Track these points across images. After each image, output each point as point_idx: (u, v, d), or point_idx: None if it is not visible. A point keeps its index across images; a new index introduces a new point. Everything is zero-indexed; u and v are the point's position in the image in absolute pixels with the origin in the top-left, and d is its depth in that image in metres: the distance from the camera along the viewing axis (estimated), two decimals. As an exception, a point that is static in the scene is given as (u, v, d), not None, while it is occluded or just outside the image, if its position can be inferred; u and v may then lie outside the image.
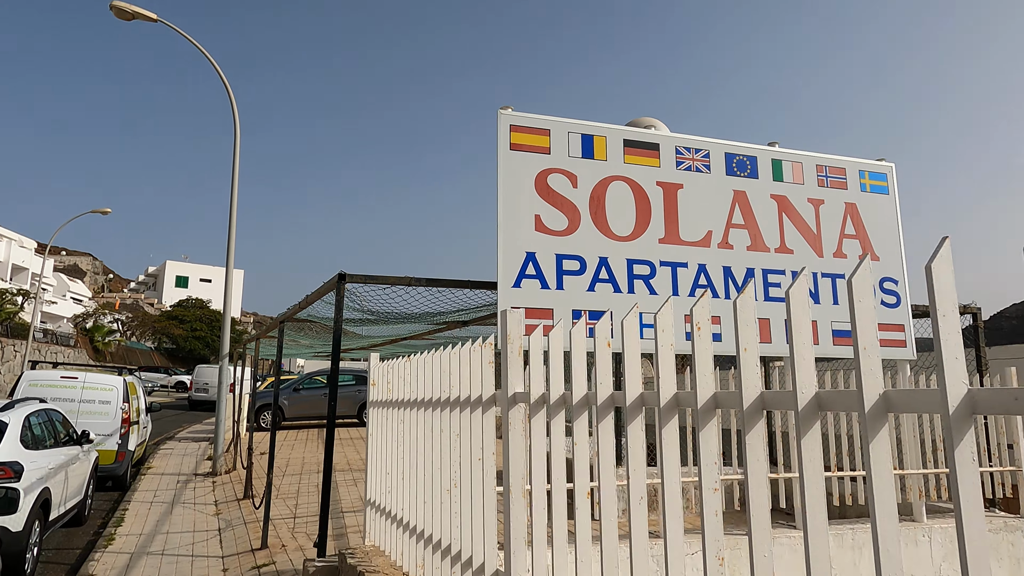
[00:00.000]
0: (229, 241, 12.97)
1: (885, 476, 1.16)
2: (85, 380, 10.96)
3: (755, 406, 1.45)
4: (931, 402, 1.12)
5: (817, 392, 1.34)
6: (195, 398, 30.04)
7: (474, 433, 2.44)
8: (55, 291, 54.63)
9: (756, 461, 1.44)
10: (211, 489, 10.83)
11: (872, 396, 1.20)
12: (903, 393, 1.19)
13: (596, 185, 4.92)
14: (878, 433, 1.19)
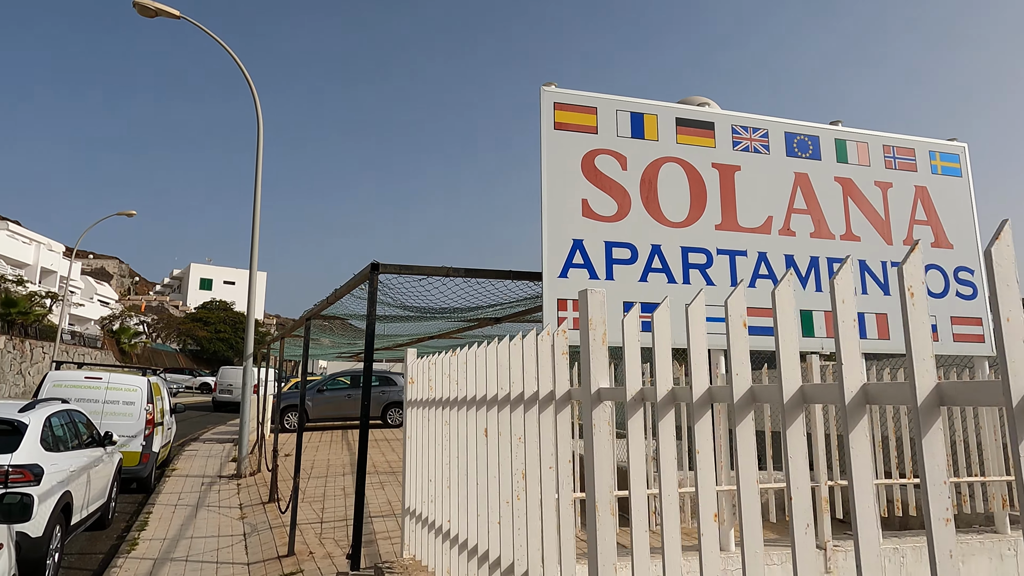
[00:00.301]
0: (252, 243, 12.78)
1: (937, 475, 1.05)
2: (109, 381, 10.80)
3: (795, 400, 1.32)
4: (991, 395, 0.99)
5: (864, 385, 1.22)
6: (219, 399, 30.08)
7: (543, 436, 2.09)
8: (83, 294, 55.36)
9: (797, 457, 1.30)
10: (236, 492, 10.61)
11: (925, 388, 1.08)
12: (959, 385, 1.07)
13: (647, 167, 4.54)
14: (931, 428, 1.08)
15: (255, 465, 12.69)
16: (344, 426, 20.75)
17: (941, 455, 1.05)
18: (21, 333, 37.14)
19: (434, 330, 9.29)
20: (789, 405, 1.32)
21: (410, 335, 12.06)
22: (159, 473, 12.51)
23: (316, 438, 17.73)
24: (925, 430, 1.05)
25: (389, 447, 15.55)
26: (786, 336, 1.33)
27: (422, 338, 11.41)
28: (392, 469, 12.07)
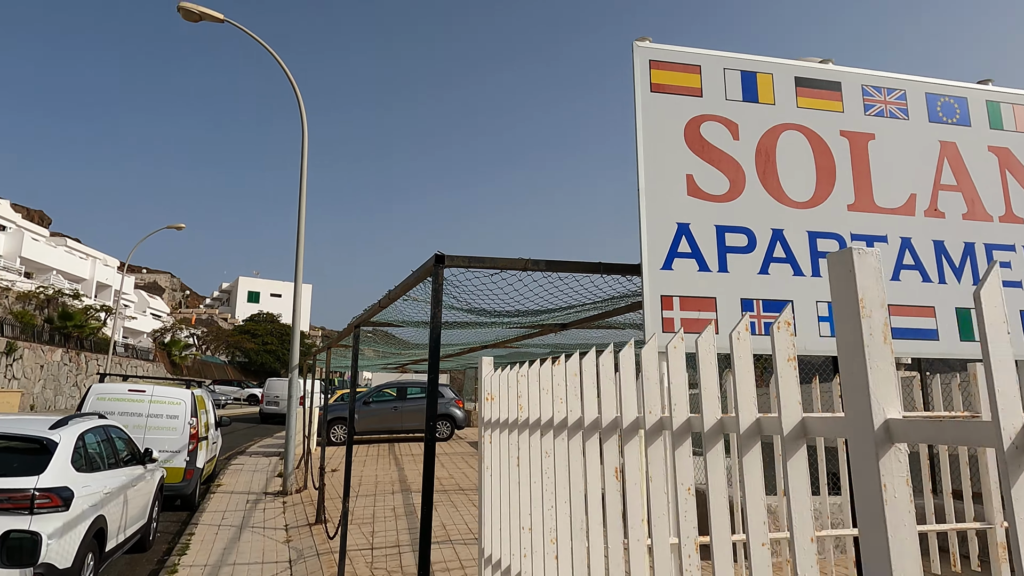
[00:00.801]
0: (297, 255, 12.36)
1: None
2: (153, 394, 10.43)
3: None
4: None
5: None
6: (266, 411, 30.02)
7: (750, 475, 1.36)
8: (136, 307, 56.71)
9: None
10: (281, 511, 10.07)
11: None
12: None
13: (763, 136, 3.76)
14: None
15: (301, 481, 12.18)
16: (390, 439, 20.24)
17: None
18: (77, 346, 37.98)
19: (489, 338, 8.59)
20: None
21: (461, 344, 11.39)
22: (204, 489, 12.11)
23: (362, 452, 17.23)
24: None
25: (438, 462, 14.90)
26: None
27: (473, 348, 10.72)
28: (443, 487, 11.39)
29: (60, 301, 37.80)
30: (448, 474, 13.04)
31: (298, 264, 12.31)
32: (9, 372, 31.15)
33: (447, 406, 20.15)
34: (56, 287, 38.48)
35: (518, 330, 7.19)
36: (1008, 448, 0.87)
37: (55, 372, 34.20)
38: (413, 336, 8.23)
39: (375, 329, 8.45)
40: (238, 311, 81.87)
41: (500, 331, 7.94)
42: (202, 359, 58.48)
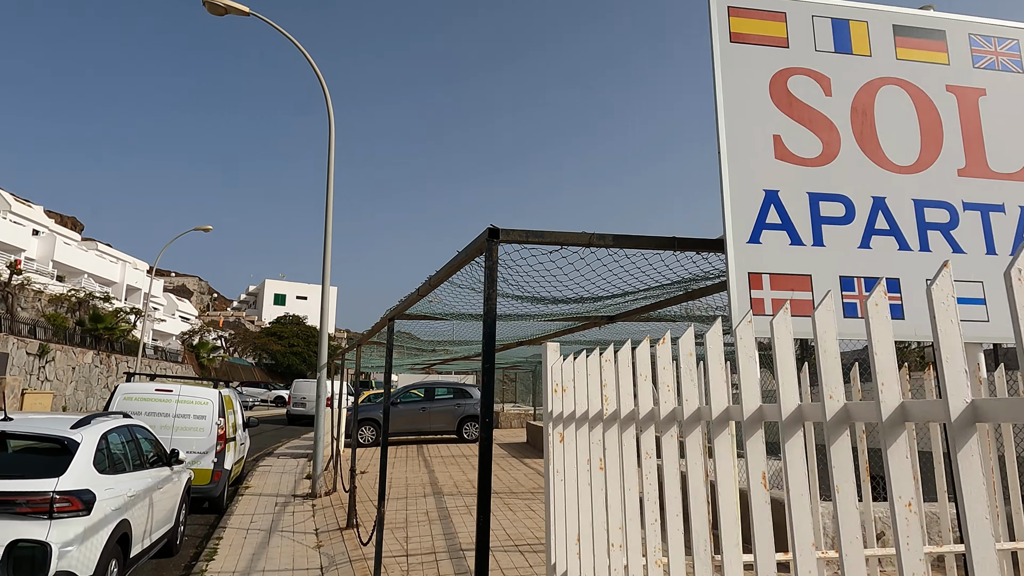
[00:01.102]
0: (325, 255, 12.08)
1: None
2: (180, 393, 10.19)
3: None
4: None
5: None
6: (293, 412, 29.94)
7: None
8: (165, 310, 57.37)
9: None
10: (311, 514, 9.75)
11: None
12: None
13: (859, 92, 3.29)
14: None
15: (330, 483, 11.88)
16: (418, 441, 19.92)
17: None
18: (108, 348, 38.38)
19: (525, 334, 8.16)
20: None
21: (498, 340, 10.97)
22: (232, 491, 11.87)
23: (390, 454, 16.92)
24: None
25: (469, 464, 14.53)
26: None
27: (507, 344, 10.30)
28: (477, 490, 10.99)
29: (91, 304, 38.24)
30: (480, 476, 12.66)
31: (326, 263, 12.03)
32: (42, 374, 31.51)
33: (476, 407, 19.77)
34: (87, 290, 38.95)
35: (560, 323, 6.76)
36: None
37: (86, 374, 34.56)
38: (450, 331, 7.83)
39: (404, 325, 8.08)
40: (264, 313, 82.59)
41: (538, 325, 7.51)
42: (229, 361, 58.96)
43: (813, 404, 1.61)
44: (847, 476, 1.41)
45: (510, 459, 15.47)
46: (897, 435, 1.36)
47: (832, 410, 1.50)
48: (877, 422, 1.42)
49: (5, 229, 37.44)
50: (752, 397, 1.72)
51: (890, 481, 1.36)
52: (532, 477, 12.45)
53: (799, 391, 1.73)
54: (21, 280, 33.41)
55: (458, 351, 12.88)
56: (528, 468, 13.79)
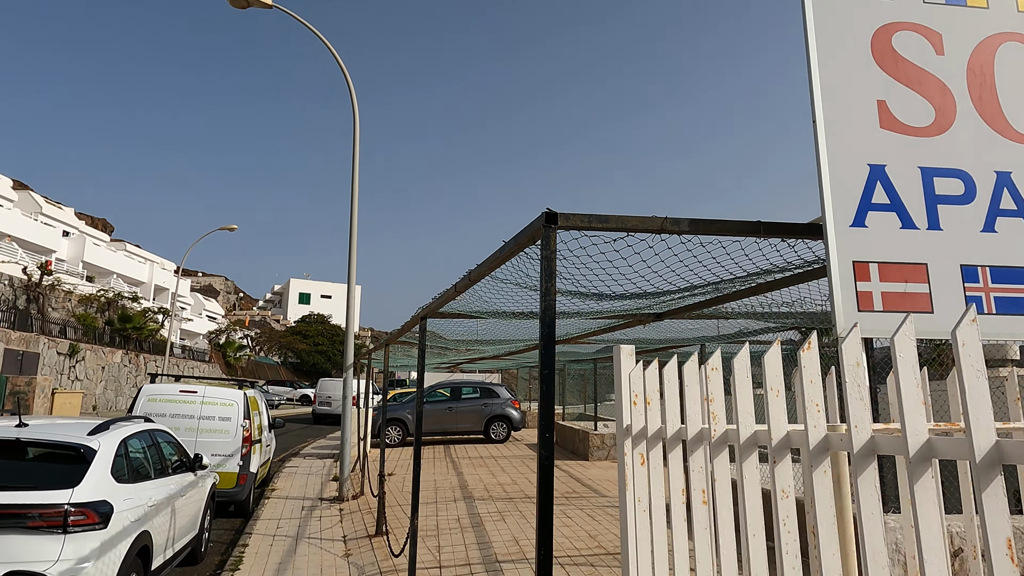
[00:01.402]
0: (351, 249, 11.79)
1: None
2: (204, 394, 9.95)
3: None
4: None
5: None
6: (319, 412, 29.85)
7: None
8: (192, 310, 57.93)
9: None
10: (338, 519, 9.44)
11: None
12: None
13: (976, 49, 2.82)
14: None
15: (357, 486, 11.58)
16: (445, 441, 19.61)
17: None
18: (136, 347, 38.74)
19: (562, 332, 7.72)
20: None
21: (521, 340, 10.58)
22: (259, 493, 11.63)
23: (418, 454, 16.63)
24: None
25: (498, 466, 14.15)
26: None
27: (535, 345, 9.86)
28: (508, 494, 10.61)
29: (120, 304, 38.62)
30: (510, 479, 12.27)
31: (351, 258, 11.74)
32: (72, 373, 31.84)
33: (503, 407, 19.41)
34: (116, 290, 39.35)
35: (603, 320, 6.32)
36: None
37: (115, 373, 34.89)
38: (484, 330, 7.43)
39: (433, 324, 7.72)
40: (290, 312, 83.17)
41: (575, 322, 7.08)
42: (256, 360, 59.38)
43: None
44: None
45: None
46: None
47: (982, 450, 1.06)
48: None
49: (36, 230, 37.96)
50: (918, 431, 1.28)
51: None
52: (564, 481, 12.03)
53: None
54: (52, 281, 33.81)
55: (487, 351, 12.49)
56: (559, 471, 13.37)
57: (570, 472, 13.22)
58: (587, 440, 15.10)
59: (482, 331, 7.54)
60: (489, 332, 7.54)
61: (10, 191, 40.13)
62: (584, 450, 15.26)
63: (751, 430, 1.72)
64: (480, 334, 7.84)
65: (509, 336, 8.82)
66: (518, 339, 9.34)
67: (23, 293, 31.60)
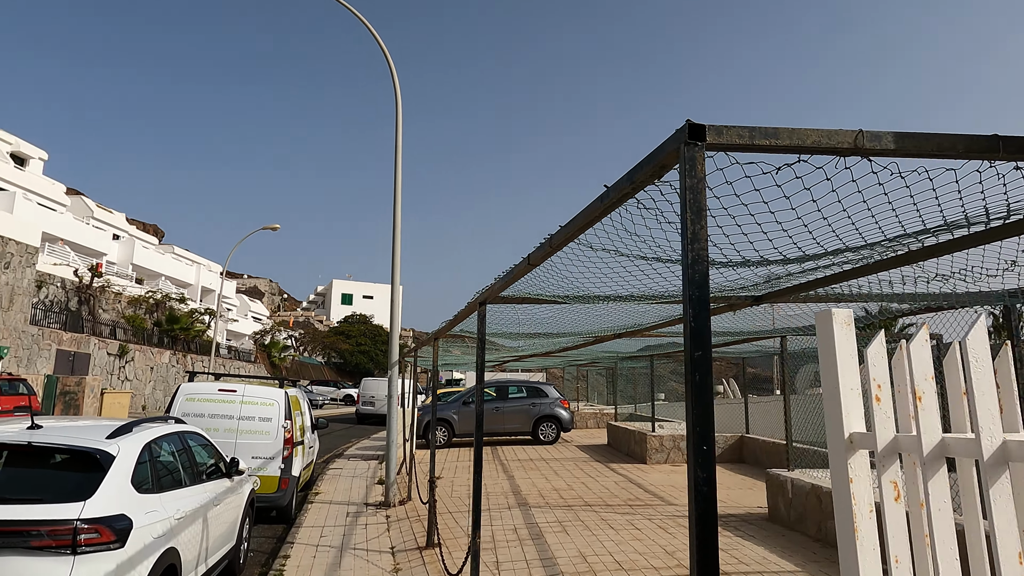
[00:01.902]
0: (394, 244, 11.15)
1: None
2: (244, 393, 9.41)
3: None
4: None
5: None
6: (362, 411, 29.50)
7: None
8: (238, 311, 58.66)
9: None
10: (385, 527, 8.78)
11: None
12: None
13: None
14: None
15: (404, 491, 10.94)
16: (491, 442, 18.91)
17: None
18: (184, 348, 39.19)
19: (638, 320, 6.86)
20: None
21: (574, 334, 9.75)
22: (302, 497, 11.09)
23: (464, 456, 15.96)
24: None
25: (551, 470, 13.35)
26: None
27: (600, 337, 9.03)
28: (566, 501, 9.80)
29: (168, 305, 39.11)
30: (566, 484, 11.46)
31: (395, 250, 11.10)
32: (122, 374, 32.25)
33: (552, 406, 18.60)
34: (164, 291, 39.87)
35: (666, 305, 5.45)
36: None
37: (164, 373, 35.27)
38: (551, 319, 6.60)
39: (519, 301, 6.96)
40: (332, 313, 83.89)
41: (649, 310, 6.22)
42: (300, 360, 59.83)
43: None
44: None
45: (594, 464, 14.22)
46: None
47: None
48: None
49: (88, 234, 38.70)
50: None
51: None
52: (625, 487, 11.17)
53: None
54: (102, 283, 34.34)
55: (541, 346, 11.68)
56: (617, 475, 12.51)
57: (629, 476, 12.34)
58: (644, 442, 14.18)
59: (547, 320, 6.72)
60: (557, 321, 6.70)
61: (63, 196, 41.04)
62: (641, 452, 14.35)
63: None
64: (545, 324, 7.03)
65: (584, 327, 7.71)
66: (593, 330, 8.36)
67: (75, 295, 32.13)
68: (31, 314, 26.62)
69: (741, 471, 12.93)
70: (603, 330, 7.76)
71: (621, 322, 6.69)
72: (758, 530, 7.77)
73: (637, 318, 6.34)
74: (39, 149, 41.83)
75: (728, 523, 8.17)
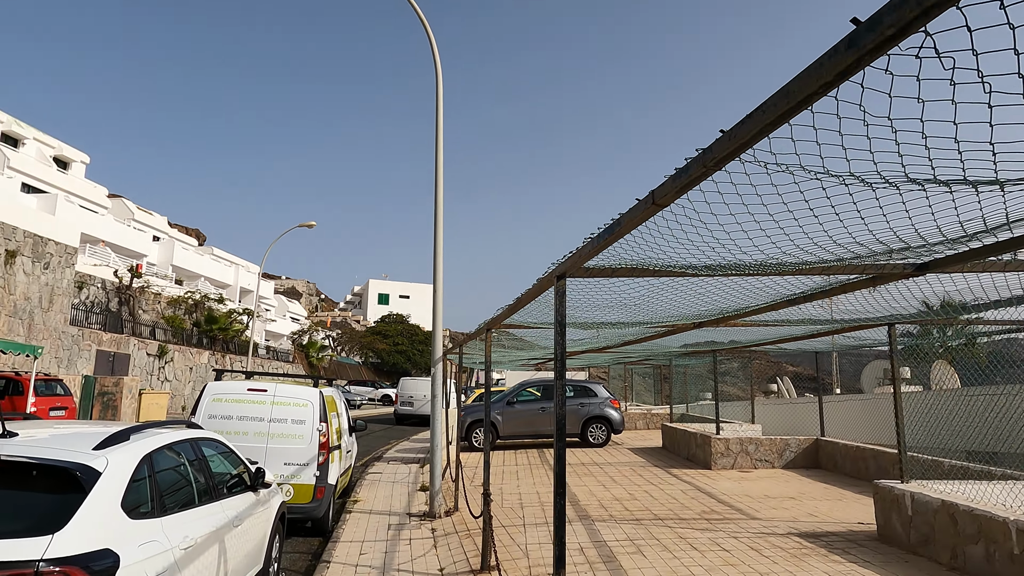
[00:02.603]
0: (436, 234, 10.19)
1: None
2: (276, 393, 8.54)
3: None
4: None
5: None
6: (401, 412, 28.73)
7: None
8: (276, 311, 58.77)
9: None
10: (431, 543, 7.81)
11: None
12: None
13: None
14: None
15: (451, 500, 9.97)
16: (537, 445, 17.86)
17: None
18: (222, 348, 39.08)
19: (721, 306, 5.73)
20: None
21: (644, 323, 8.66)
22: (340, 504, 10.22)
23: (510, 459, 14.94)
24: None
25: (607, 476, 12.22)
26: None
27: (677, 327, 7.91)
28: (631, 513, 8.69)
29: (206, 305, 39.05)
30: (627, 493, 10.35)
31: (437, 241, 10.15)
32: (161, 374, 32.14)
33: (602, 407, 17.46)
34: (202, 292, 39.84)
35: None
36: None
37: (203, 374, 35.11)
38: (630, 301, 5.44)
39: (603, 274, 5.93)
40: (369, 313, 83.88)
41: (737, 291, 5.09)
42: (337, 360, 59.68)
43: None
44: None
45: (652, 469, 13.06)
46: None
47: None
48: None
49: (128, 235, 38.88)
50: None
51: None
52: (694, 496, 10.01)
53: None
54: (141, 283, 34.33)
55: (604, 339, 10.56)
56: (681, 482, 11.34)
57: (695, 483, 11.17)
58: (708, 445, 12.97)
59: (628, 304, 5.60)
60: (646, 303, 5.54)
61: (105, 199, 41.38)
62: (704, 457, 13.14)
63: None
64: (623, 309, 5.91)
65: (677, 310, 6.32)
66: (689, 315, 6.94)
67: (115, 296, 32.13)
68: (71, 315, 26.53)
69: (820, 478, 11.63)
70: (702, 315, 6.58)
71: (725, 304, 5.52)
72: (872, 554, 6.56)
73: (753, 297, 5.18)
74: (81, 153, 42.25)
75: (832, 544, 6.98)
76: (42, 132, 39.18)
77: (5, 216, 22.88)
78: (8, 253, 22.76)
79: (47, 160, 38.04)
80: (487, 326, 6.63)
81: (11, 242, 22.95)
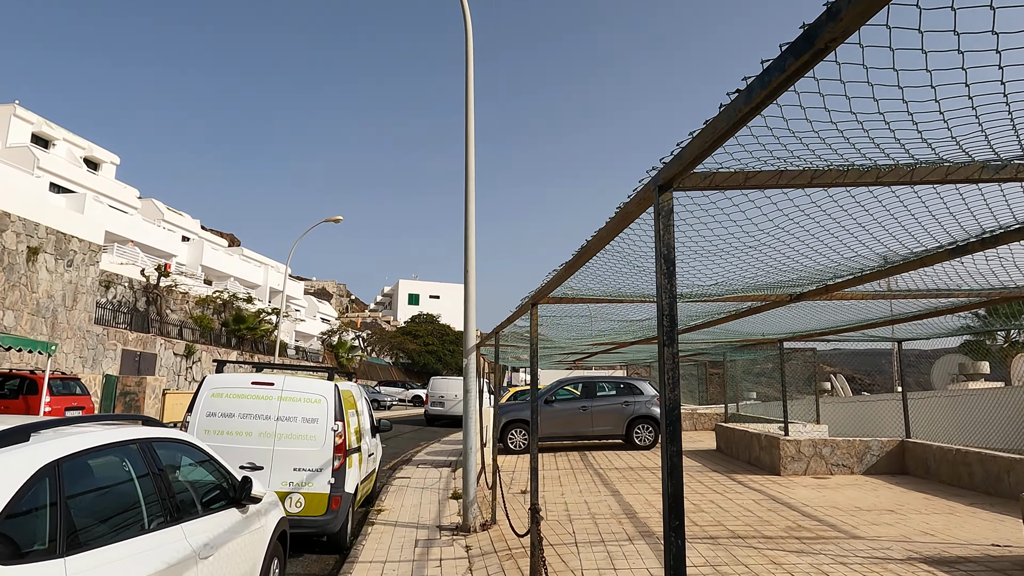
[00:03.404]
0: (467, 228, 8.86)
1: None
2: (284, 387, 7.36)
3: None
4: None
5: None
6: (431, 412, 27.59)
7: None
8: (306, 311, 58.31)
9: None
10: (466, 563, 6.54)
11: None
12: None
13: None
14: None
15: (487, 510, 8.69)
16: (575, 447, 16.51)
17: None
18: (251, 348, 38.49)
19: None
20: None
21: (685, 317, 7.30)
22: (361, 514, 9.04)
23: (549, 463, 13.61)
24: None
25: (657, 479, 10.79)
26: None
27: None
28: (700, 527, 7.29)
29: (235, 305, 38.51)
30: (690, 503, 8.93)
31: (468, 220, 8.89)
32: (189, 374, 31.55)
33: (648, 405, 16.04)
34: (231, 291, 39.32)
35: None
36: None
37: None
38: (758, 250, 3.93)
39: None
40: (399, 313, 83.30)
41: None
42: (367, 360, 59.01)
43: None
44: None
45: (711, 474, 11.60)
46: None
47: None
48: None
49: (157, 235, 38.56)
50: None
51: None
52: (771, 508, 8.56)
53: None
54: (169, 283, 33.86)
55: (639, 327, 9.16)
56: (750, 490, 9.88)
57: (767, 492, 9.70)
58: (775, 448, 11.47)
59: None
60: (764, 255, 4.05)
61: (135, 200, 41.18)
62: (771, 461, 11.65)
63: None
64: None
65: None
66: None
67: (142, 295, 31.65)
68: (96, 314, 25.98)
69: (913, 486, 10.06)
70: (813, 277, 5.14)
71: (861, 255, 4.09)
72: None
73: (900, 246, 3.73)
74: (111, 154, 42.14)
75: (975, 574, 5.51)
76: (72, 133, 39.10)
77: (30, 214, 22.35)
78: (30, 250, 22.20)
79: (77, 161, 37.91)
80: (532, 299, 5.33)
81: (33, 239, 22.40)
